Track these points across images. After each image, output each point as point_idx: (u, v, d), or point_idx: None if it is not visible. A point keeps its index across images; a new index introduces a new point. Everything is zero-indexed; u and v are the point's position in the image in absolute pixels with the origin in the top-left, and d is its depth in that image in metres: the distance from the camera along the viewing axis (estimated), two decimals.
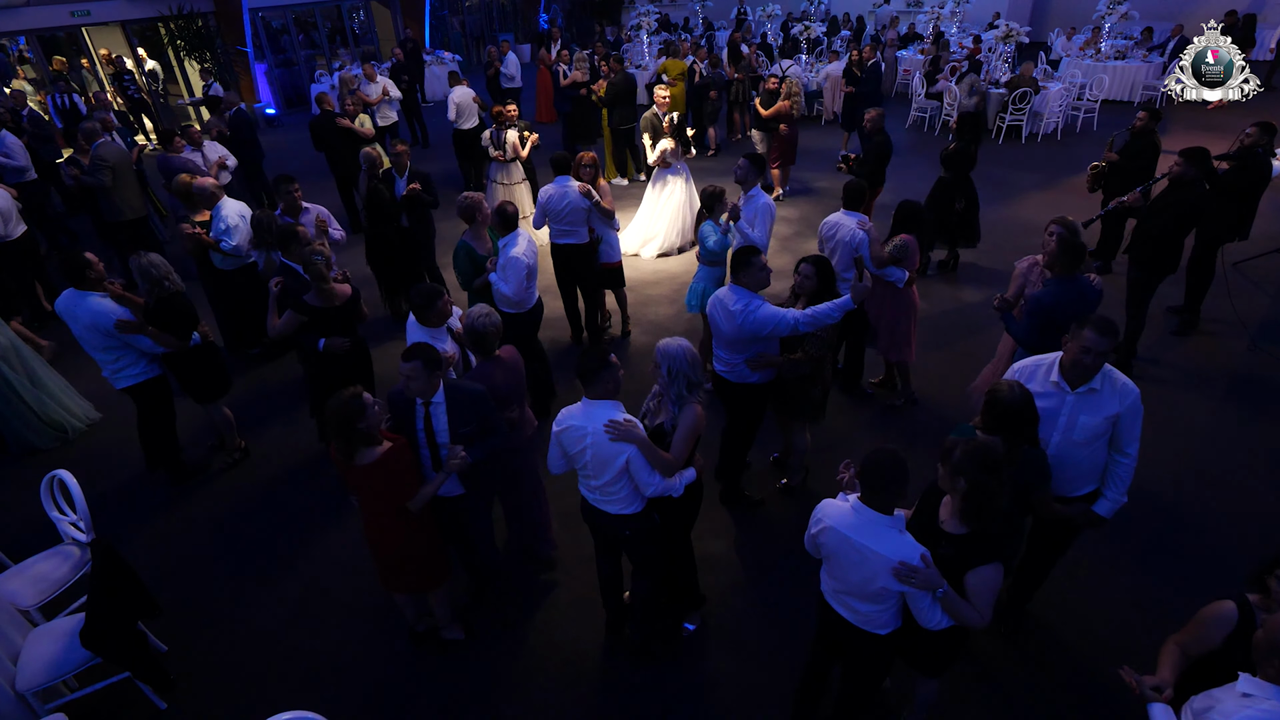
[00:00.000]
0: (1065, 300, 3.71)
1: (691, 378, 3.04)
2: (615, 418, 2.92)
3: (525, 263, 4.71)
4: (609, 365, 2.96)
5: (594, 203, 5.67)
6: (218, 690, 3.59)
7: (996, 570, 2.38)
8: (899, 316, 4.98)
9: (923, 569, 2.34)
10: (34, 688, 3.16)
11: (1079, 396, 2.95)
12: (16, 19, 12.89)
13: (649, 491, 3.01)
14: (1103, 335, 2.83)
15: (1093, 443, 2.99)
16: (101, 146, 7.24)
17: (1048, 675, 3.42)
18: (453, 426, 3.18)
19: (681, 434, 3.04)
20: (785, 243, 8.26)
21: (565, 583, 4.07)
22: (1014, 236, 8.14)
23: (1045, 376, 3.04)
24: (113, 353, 4.42)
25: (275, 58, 16.43)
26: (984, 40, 14.11)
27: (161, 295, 4.41)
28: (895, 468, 2.37)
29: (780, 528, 4.35)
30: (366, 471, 2.97)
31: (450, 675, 3.58)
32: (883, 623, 2.56)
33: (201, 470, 5.07)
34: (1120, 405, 2.91)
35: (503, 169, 8.16)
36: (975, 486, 2.32)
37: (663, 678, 3.52)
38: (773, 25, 17.48)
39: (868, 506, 2.43)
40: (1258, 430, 4.95)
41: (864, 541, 2.42)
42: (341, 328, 4.37)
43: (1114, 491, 3.07)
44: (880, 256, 4.75)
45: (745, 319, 3.72)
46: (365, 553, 4.32)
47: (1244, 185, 5.68)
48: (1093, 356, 2.85)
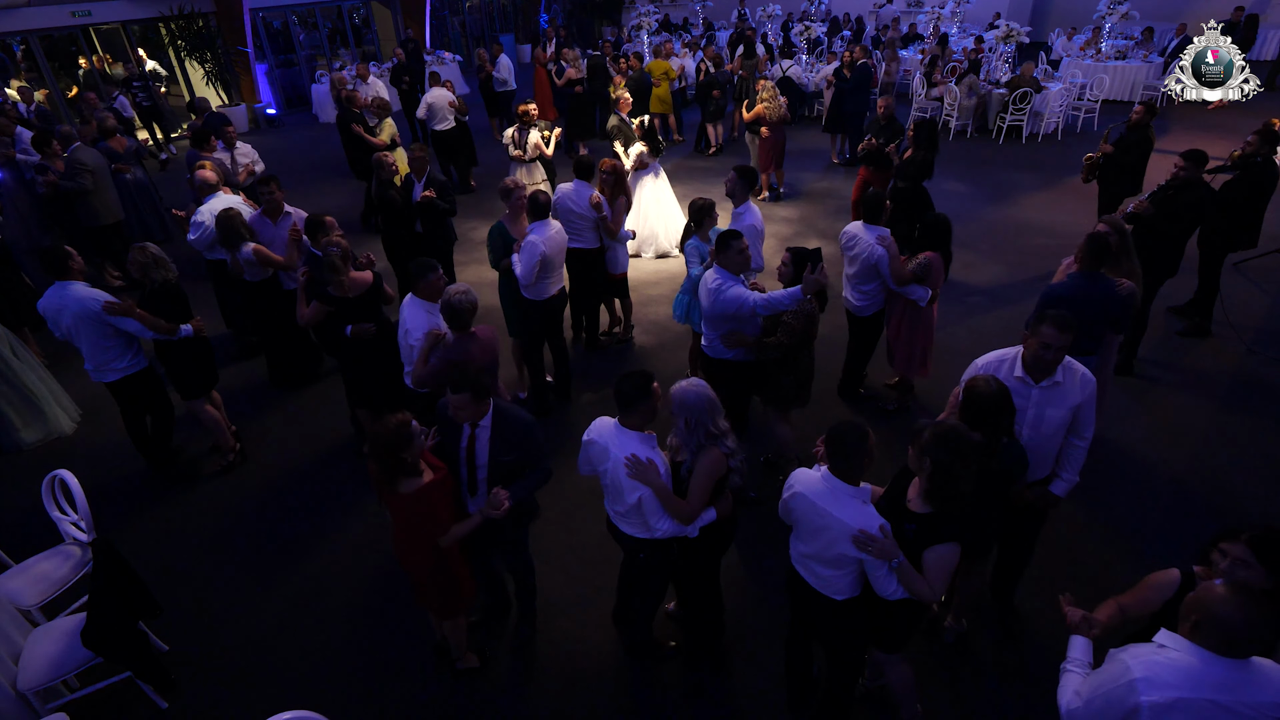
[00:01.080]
0: (1082, 296, 3.71)
1: (710, 428, 2.91)
2: (639, 453, 2.85)
3: (540, 248, 4.78)
4: (648, 396, 2.86)
5: (600, 217, 5.67)
6: (218, 690, 3.59)
7: (953, 550, 2.50)
8: (916, 335, 4.85)
9: (880, 539, 2.47)
10: (35, 687, 3.16)
11: (1043, 390, 3.03)
12: (17, 19, 12.90)
13: (659, 533, 2.95)
14: (1062, 331, 2.90)
15: (1059, 433, 3.08)
16: (78, 150, 7.22)
17: (1042, 673, 3.42)
18: (494, 454, 3.08)
19: (698, 479, 2.91)
20: (786, 243, 8.25)
21: (567, 583, 4.07)
22: (1014, 236, 8.14)
23: (1009, 372, 3.09)
24: (103, 341, 4.38)
25: (276, 58, 16.45)
26: (984, 40, 14.12)
27: (157, 281, 4.44)
28: (857, 437, 2.50)
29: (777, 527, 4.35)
30: (405, 501, 2.87)
31: (450, 675, 3.58)
32: (840, 588, 2.69)
33: (192, 471, 5.04)
34: (1082, 395, 3.01)
35: (524, 168, 8.20)
36: (939, 467, 2.41)
37: (663, 678, 3.53)
38: (773, 25, 17.48)
39: (834, 475, 2.57)
40: (1258, 431, 4.96)
41: (828, 507, 2.56)
42: (365, 314, 4.46)
43: (1069, 473, 3.17)
44: (901, 274, 4.60)
45: (716, 296, 3.99)
46: (365, 553, 4.33)
47: (1246, 194, 5.59)
48: (1053, 352, 2.93)
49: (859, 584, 2.69)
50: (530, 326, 5.23)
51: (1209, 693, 1.91)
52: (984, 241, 8.05)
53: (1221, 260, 5.84)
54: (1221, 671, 1.92)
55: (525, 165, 8.16)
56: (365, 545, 4.40)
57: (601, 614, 3.84)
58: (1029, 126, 11.67)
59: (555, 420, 5.39)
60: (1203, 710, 1.92)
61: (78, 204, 7.32)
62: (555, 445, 5.11)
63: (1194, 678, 1.93)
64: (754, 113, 9.01)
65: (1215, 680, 1.91)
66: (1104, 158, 6.68)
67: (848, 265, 4.94)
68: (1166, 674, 1.94)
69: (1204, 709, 1.92)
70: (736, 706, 3.38)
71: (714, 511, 2.99)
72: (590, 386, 5.82)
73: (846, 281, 5.03)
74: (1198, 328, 6.08)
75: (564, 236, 5.14)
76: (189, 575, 4.28)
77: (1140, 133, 6.56)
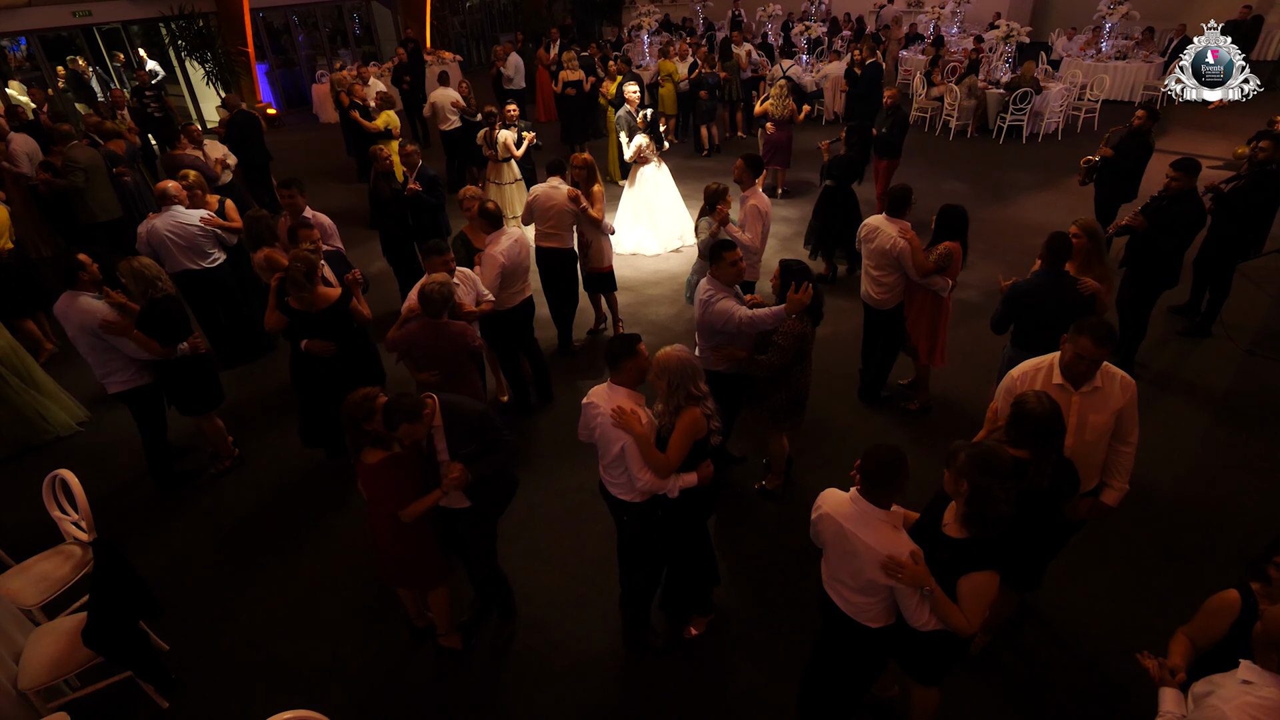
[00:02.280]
0: (1043, 293, 3.88)
1: (691, 389, 3.03)
2: (624, 405, 3.02)
3: (499, 260, 4.75)
4: (634, 355, 3.05)
5: (581, 209, 5.65)
6: (219, 690, 3.60)
7: (991, 579, 2.37)
8: (937, 324, 4.88)
9: (910, 565, 2.36)
10: (36, 687, 3.16)
11: (1084, 396, 2.97)
12: (17, 19, 12.89)
13: (638, 485, 3.06)
14: (1098, 345, 2.85)
15: (1102, 439, 3.03)
16: (73, 148, 7.23)
17: (1046, 671, 3.43)
18: (453, 448, 3.17)
19: (677, 436, 3.04)
20: (786, 243, 8.27)
21: (567, 582, 4.07)
22: (1014, 236, 8.14)
23: (1047, 380, 3.05)
24: (103, 355, 4.35)
25: (278, 57, 16.45)
26: (985, 40, 14.10)
27: (151, 298, 4.35)
28: (893, 463, 2.41)
29: (774, 526, 4.36)
30: (367, 471, 3.12)
31: (450, 675, 3.59)
32: (872, 616, 2.58)
33: (192, 478, 5.02)
34: (1123, 399, 2.97)
35: (494, 168, 8.17)
36: (977, 491, 2.31)
37: (663, 677, 3.53)
38: (773, 25, 17.47)
39: (864, 498, 2.47)
40: (1258, 431, 4.96)
41: (856, 531, 2.47)
42: (327, 333, 4.34)
43: (1119, 480, 3.12)
44: (924, 266, 4.60)
45: (706, 308, 3.93)
46: (365, 553, 4.33)
47: (1258, 202, 5.52)
48: (1085, 364, 2.89)
49: (893, 612, 2.57)
50: (499, 335, 5.17)
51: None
52: (984, 241, 8.04)
53: (1234, 266, 5.81)
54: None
55: (496, 166, 8.15)
56: (365, 545, 4.39)
57: (601, 614, 3.85)
58: (1029, 126, 11.67)
59: (553, 421, 5.40)
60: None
61: (74, 201, 7.33)
62: (552, 448, 5.13)
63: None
64: (760, 109, 9.15)
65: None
66: (1102, 160, 6.67)
67: (867, 258, 4.92)
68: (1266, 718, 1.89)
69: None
70: (737, 706, 3.39)
71: (695, 476, 3.10)
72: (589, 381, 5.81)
73: (866, 275, 5.01)
74: (1199, 327, 6.07)
75: (524, 246, 5.05)
76: (190, 575, 4.28)
77: (1140, 138, 6.54)
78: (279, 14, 16.48)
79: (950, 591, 2.40)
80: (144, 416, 4.67)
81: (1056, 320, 3.78)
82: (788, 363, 3.92)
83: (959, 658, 2.74)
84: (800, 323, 3.84)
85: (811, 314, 3.93)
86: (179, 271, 5.69)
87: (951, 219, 4.72)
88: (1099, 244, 4.17)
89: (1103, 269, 4.15)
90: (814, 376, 5.70)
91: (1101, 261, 4.17)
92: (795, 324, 3.82)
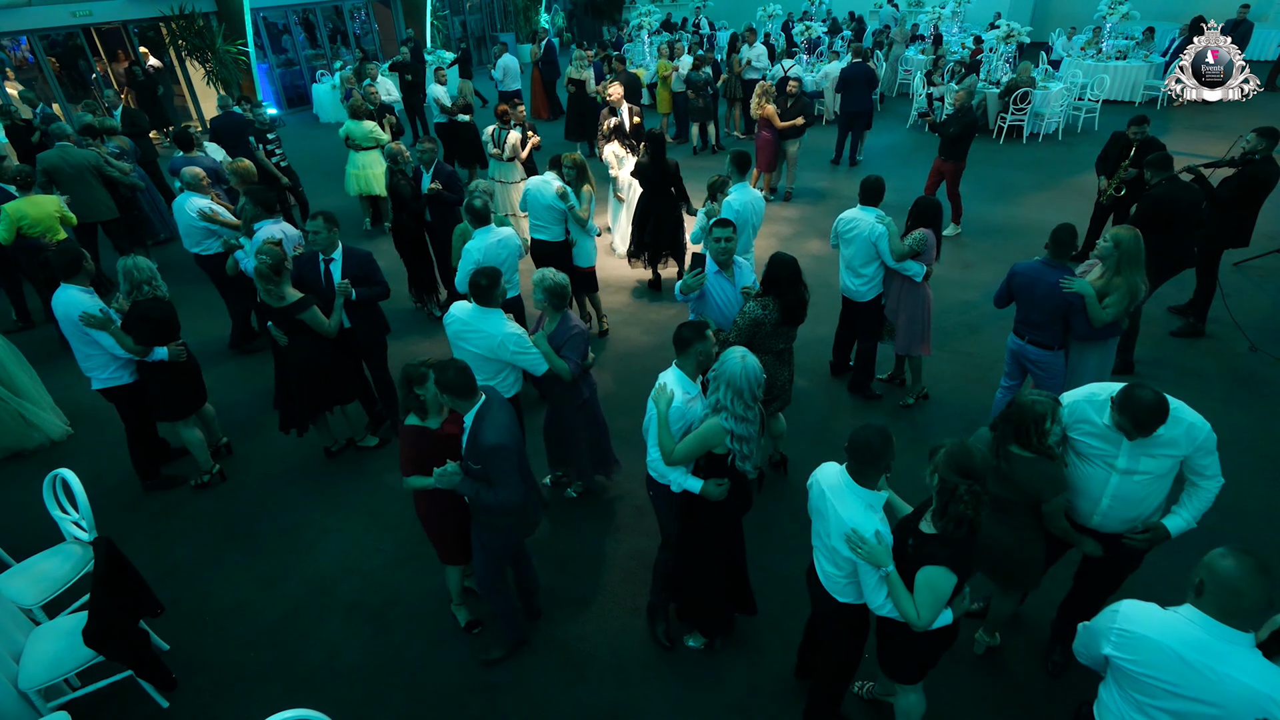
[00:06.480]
0: (1037, 276, 4.10)
1: (722, 400, 2.92)
2: (668, 383, 3.15)
3: (475, 256, 4.79)
4: (702, 340, 3.14)
5: (568, 207, 5.80)
6: (219, 689, 3.60)
7: (944, 575, 2.41)
8: (916, 311, 4.99)
9: (870, 542, 2.47)
10: (36, 686, 3.17)
11: (1139, 442, 2.77)
12: (17, 19, 12.89)
13: (649, 457, 3.21)
14: (1137, 428, 2.70)
15: (1156, 483, 2.84)
16: (55, 150, 7.18)
17: (1046, 671, 3.43)
18: (466, 458, 3.13)
19: (691, 435, 3.06)
20: (786, 243, 8.26)
21: (567, 581, 4.08)
22: (1014, 236, 8.14)
23: (1098, 416, 2.85)
24: (84, 348, 4.37)
25: (278, 57, 16.44)
26: (985, 40, 14.10)
27: (139, 299, 4.36)
28: (874, 442, 2.48)
29: (778, 528, 4.36)
30: (402, 432, 3.36)
31: (451, 674, 3.59)
32: (840, 588, 2.70)
33: (174, 484, 4.98)
34: (1190, 447, 2.75)
35: (502, 168, 8.19)
36: (944, 486, 2.39)
37: (663, 676, 3.53)
38: (773, 25, 17.46)
39: (849, 474, 2.58)
40: (1258, 431, 4.96)
41: (833, 500, 2.60)
42: (293, 327, 4.53)
43: (1187, 512, 2.91)
44: (900, 250, 4.77)
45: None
46: (365, 553, 4.34)
47: (1245, 193, 5.55)
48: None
49: (860, 590, 2.65)
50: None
51: (1178, 645, 2.00)
52: (984, 241, 8.06)
53: (1217, 260, 5.82)
54: (1203, 635, 1.99)
55: (503, 165, 8.18)
56: (365, 545, 4.41)
57: (603, 614, 3.85)
58: (1029, 126, 11.67)
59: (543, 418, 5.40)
60: (1165, 657, 2.01)
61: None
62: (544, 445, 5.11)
63: (1172, 629, 2.03)
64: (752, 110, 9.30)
65: (1193, 640, 1.99)
66: (1125, 189, 6.39)
67: (844, 249, 5.04)
68: (1149, 617, 2.09)
69: (1166, 656, 2.01)
70: (736, 706, 3.39)
71: (699, 483, 3.08)
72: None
73: (844, 268, 5.12)
74: (1192, 329, 6.07)
75: (508, 243, 5.03)
76: (190, 574, 4.28)
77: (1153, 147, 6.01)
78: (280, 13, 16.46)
79: (910, 583, 2.49)
80: (126, 414, 4.68)
81: (1046, 300, 4.04)
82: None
83: (933, 660, 2.75)
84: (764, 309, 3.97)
85: (793, 313, 4.03)
86: None
87: (924, 209, 4.90)
88: (1129, 254, 3.91)
89: (1131, 280, 3.92)
90: (813, 376, 5.77)
91: (1135, 272, 3.94)
92: (759, 310, 3.97)
